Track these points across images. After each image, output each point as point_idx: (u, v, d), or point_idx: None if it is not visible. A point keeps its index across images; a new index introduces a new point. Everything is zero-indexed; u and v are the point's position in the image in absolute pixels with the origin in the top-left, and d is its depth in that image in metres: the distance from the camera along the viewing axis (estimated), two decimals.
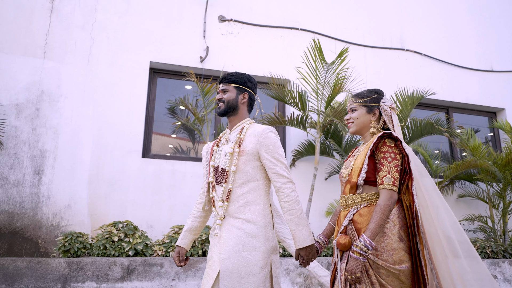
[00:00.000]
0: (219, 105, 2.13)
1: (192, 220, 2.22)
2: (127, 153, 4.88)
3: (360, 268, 1.79)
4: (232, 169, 2.01)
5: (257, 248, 1.93)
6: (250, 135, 2.06)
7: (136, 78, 5.15)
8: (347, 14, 6.37)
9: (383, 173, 1.95)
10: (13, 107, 4.65)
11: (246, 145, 2.04)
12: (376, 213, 1.85)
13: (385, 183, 1.92)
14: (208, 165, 2.15)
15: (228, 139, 2.12)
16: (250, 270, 1.89)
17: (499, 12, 7.36)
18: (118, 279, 3.41)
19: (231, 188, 2.00)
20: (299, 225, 2.00)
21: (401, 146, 2.00)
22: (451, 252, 2.00)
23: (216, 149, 2.15)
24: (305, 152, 5.29)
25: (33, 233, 4.39)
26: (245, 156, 2.01)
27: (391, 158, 1.97)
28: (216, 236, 1.99)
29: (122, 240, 3.63)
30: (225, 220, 1.99)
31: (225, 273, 1.87)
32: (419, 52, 6.60)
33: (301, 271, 3.92)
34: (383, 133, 2.01)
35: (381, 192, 1.91)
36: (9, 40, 4.81)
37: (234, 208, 1.98)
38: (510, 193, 5.59)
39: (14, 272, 3.22)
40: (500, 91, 6.91)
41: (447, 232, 2.03)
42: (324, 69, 4.43)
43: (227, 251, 1.91)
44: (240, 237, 1.92)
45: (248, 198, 1.99)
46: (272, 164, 2.01)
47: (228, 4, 5.81)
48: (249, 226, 1.95)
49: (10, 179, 4.46)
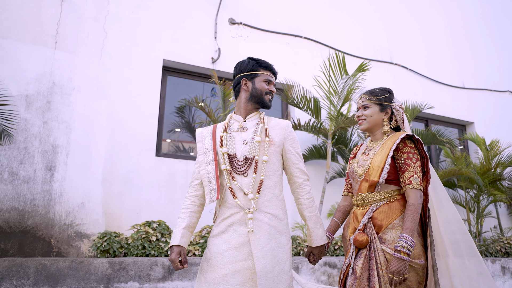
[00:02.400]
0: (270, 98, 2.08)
1: (190, 216, 1.96)
2: (141, 151, 4.79)
3: (407, 268, 1.79)
4: (264, 158, 1.90)
5: (285, 246, 1.89)
6: (274, 126, 2.00)
7: (149, 76, 5.06)
8: (345, 27, 6.71)
9: (410, 173, 1.97)
10: (23, 99, 4.39)
11: (273, 136, 1.96)
12: (411, 212, 1.88)
13: (414, 183, 1.95)
14: (213, 152, 1.97)
15: (244, 127, 2.00)
16: (282, 268, 1.84)
17: (470, 34, 8.14)
18: (159, 279, 3.39)
19: (262, 179, 1.88)
20: (317, 223, 1.98)
21: (421, 148, 2.04)
22: (452, 251, 2.06)
23: (225, 135, 1.99)
24: (310, 156, 5.52)
25: (45, 232, 4.18)
26: (273, 147, 1.94)
27: (415, 158, 2.00)
28: (247, 233, 1.83)
29: (159, 239, 3.61)
30: (254, 214, 1.85)
31: (261, 273, 1.77)
32: (405, 67, 7.12)
33: (325, 270, 4.14)
34: (406, 134, 2.04)
35: (411, 191, 1.94)
36: (17, 27, 4.52)
37: (262, 202, 1.87)
38: (483, 199, 6.25)
39: (56, 273, 3.09)
40: (470, 106, 7.64)
41: (451, 231, 2.10)
42: (343, 80, 4.69)
43: (259, 249, 1.80)
44: (271, 234, 1.84)
45: (275, 192, 1.92)
46: (297, 159, 1.98)
47: (238, 7, 5.89)
48: (277, 223, 1.88)
49: (20, 175, 4.20)
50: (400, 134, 2.06)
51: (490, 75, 8.06)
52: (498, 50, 8.40)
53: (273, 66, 2.12)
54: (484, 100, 7.83)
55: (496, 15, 8.65)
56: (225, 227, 1.87)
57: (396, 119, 2.15)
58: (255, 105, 2.04)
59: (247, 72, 2.04)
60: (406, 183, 1.96)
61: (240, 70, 2.07)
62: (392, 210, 1.97)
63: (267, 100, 2.03)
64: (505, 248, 5.60)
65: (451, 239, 2.09)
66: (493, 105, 7.89)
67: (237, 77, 2.07)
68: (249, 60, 2.07)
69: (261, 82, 2.03)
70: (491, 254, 5.45)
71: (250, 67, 2.04)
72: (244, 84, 2.04)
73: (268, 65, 2.08)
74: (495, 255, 5.46)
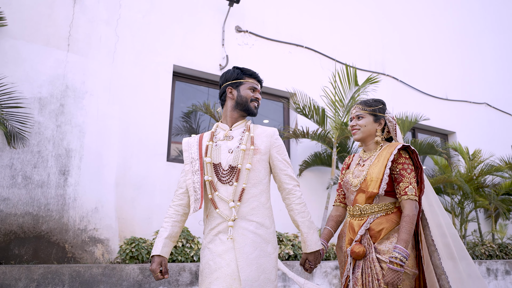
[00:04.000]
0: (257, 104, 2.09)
1: (172, 225, 1.94)
2: (152, 156, 4.82)
3: (401, 279, 1.82)
4: (247, 166, 1.89)
5: (271, 254, 1.88)
6: (260, 134, 2.00)
7: (160, 81, 5.09)
8: (343, 38, 6.97)
9: (405, 184, 1.98)
10: (36, 101, 4.31)
11: (259, 144, 1.96)
12: (406, 223, 1.90)
13: (409, 194, 1.96)
14: (199, 162, 1.96)
15: (230, 135, 1.99)
16: (268, 277, 1.82)
17: (452, 48, 8.63)
18: (187, 284, 3.47)
19: (244, 187, 1.87)
20: (310, 229, 1.95)
21: (415, 158, 2.07)
22: (445, 254, 2.10)
23: (211, 144, 1.98)
24: (313, 163, 5.73)
25: (59, 237, 4.14)
26: (259, 155, 1.94)
27: (409, 169, 2.02)
28: (229, 240, 1.82)
29: (184, 245, 3.68)
30: (236, 222, 1.84)
31: (247, 282, 1.75)
32: (396, 78, 7.48)
33: (336, 273, 4.34)
34: (402, 145, 2.06)
35: (406, 202, 1.95)
36: (30, 28, 4.44)
37: (247, 210, 1.86)
38: (467, 205, 6.69)
39: (90, 279, 3.10)
40: (452, 116, 8.12)
41: (443, 235, 2.13)
42: (351, 91, 4.93)
43: (244, 258, 1.79)
44: (257, 243, 1.83)
45: (261, 200, 1.90)
46: (284, 165, 1.97)
47: (244, 15, 6.01)
48: (263, 231, 1.87)
49: (34, 179, 4.14)
50: (396, 144, 2.08)
51: (469, 87, 8.59)
52: (477, 64, 8.96)
53: (258, 74, 2.11)
54: (465, 111, 8.34)
55: (475, 33, 9.23)
56: (212, 237, 1.88)
57: (389, 130, 2.18)
58: (241, 112, 2.04)
59: (232, 81, 2.05)
60: (402, 193, 1.98)
61: (225, 79, 2.07)
62: (389, 221, 1.99)
63: (252, 107, 2.03)
64: (488, 251, 6.04)
65: (443, 242, 2.12)
66: (472, 116, 8.42)
67: (223, 86, 2.08)
68: (234, 69, 2.09)
69: (246, 90, 2.03)
70: (477, 256, 5.86)
71: (235, 76, 2.05)
72: (230, 92, 2.04)
73: (253, 73, 2.08)
74: (480, 257, 5.88)
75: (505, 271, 5.77)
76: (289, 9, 6.47)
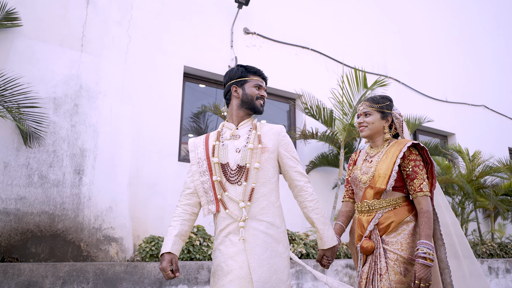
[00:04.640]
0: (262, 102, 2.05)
1: (181, 223, 1.91)
2: (164, 156, 4.88)
3: (431, 274, 1.84)
4: (256, 165, 1.86)
5: (283, 254, 1.85)
6: (267, 132, 1.97)
7: (171, 81, 5.15)
8: (347, 41, 7.08)
9: (419, 181, 2.00)
10: (51, 101, 4.35)
11: (266, 142, 1.93)
12: (426, 219, 1.93)
13: (424, 190, 1.99)
14: (206, 162, 1.94)
15: (236, 134, 1.97)
16: (280, 277, 1.80)
17: (452, 51, 8.80)
18: (206, 282, 3.54)
19: (253, 186, 1.85)
20: (325, 224, 1.93)
21: (425, 155, 2.09)
22: (450, 252, 2.12)
23: (218, 144, 1.95)
24: (319, 163, 5.83)
25: (75, 235, 4.18)
26: (267, 154, 1.90)
27: (421, 166, 2.04)
28: (240, 241, 1.80)
29: (201, 244, 3.74)
30: (246, 222, 1.82)
31: (258, 283, 1.72)
32: (398, 80, 7.62)
33: (347, 272, 4.44)
34: (412, 143, 2.07)
35: (423, 198, 1.98)
36: (44, 28, 4.47)
37: (257, 210, 1.84)
38: (468, 205, 6.84)
39: (113, 277, 3.15)
40: (452, 118, 8.28)
41: (448, 234, 2.17)
42: (359, 93, 5.03)
43: (255, 258, 1.76)
44: (267, 243, 1.81)
45: (271, 199, 1.88)
46: (293, 162, 1.94)
47: (252, 17, 6.08)
48: (274, 231, 1.84)
49: (50, 178, 4.17)
50: (405, 142, 2.08)
51: (468, 90, 8.77)
52: (475, 67, 9.15)
53: (262, 71, 2.07)
54: (464, 113, 8.50)
55: (474, 37, 9.41)
56: (222, 238, 1.86)
57: (396, 126, 2.19)
58: (247, 111, 2.00)
59: (236, 79, 2.00)
60: (417, 190, 1.99)
61: (229, 78, 2.03)
62: (397, 215, 2.01)
63: (258, 105, 2.00)
64: (489, 250, 6.19)
65: (448, 241, 2.15)
66: (471, 118, 8.59)
67: (227, 85, 2.04)
68: (238, 67, 2.05)
69: (251, 88, 1.99)
70: (478, 255, 6.00)
71: (239, 74, 2.01)
72: (235, 91, 2.00)
73: (257, 71, 2.04)
74: (481, 256, 6.03)
75: (506, 270, 5.92)
76: (295, 12, 6.56)
